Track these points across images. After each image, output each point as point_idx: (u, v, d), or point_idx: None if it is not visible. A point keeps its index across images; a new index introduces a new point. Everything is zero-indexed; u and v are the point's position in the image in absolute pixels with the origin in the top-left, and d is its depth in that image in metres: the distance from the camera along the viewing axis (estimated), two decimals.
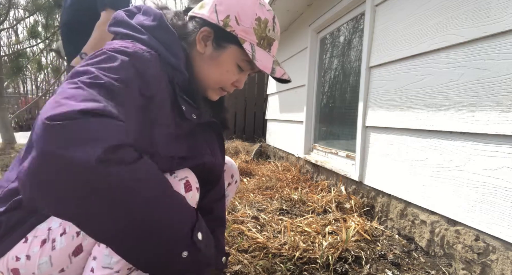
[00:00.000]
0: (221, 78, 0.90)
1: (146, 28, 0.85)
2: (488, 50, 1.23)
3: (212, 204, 1.03)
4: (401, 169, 1.71)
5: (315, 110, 3.10)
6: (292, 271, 1.31)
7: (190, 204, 0.74)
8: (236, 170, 1.27)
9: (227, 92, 0.96)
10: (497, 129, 1.18)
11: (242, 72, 0.92)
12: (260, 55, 0.86)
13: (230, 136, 5.58)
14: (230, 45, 0.87)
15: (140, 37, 0.82)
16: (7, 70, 6.00)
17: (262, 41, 0.87)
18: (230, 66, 0.89)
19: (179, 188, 0.81)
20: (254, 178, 3.02)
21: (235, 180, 1.26)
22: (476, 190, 1.27)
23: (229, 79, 0.91)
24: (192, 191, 0.84)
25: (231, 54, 0.88)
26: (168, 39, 0.83)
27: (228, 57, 0.88)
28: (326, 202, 2.12)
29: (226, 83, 0.92)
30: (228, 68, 0.89)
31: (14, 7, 6.37)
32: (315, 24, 2.97)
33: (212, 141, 0.96)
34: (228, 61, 0.89)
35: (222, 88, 0.93)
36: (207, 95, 0.94)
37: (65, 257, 0.77)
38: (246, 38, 0.85)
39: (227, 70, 0.89)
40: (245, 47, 0.84)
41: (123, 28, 0.85)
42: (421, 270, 1.38)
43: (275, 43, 0.93)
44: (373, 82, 1.99)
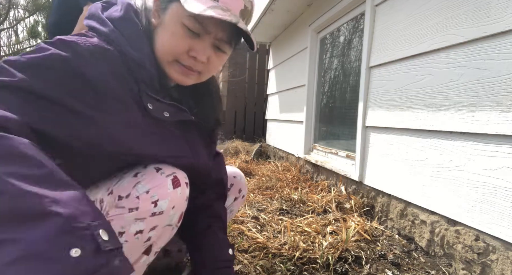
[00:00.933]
0: (170, 45, 0.78)
1: (112, 20, 0.79)
2: (488, 50, 1.23)
3: (212, 202, 1.03)
4: (401, 169, 1.71)
5: (315, 110, 3.10)
6: (292, 271, 1.31)
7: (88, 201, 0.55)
8: (244, 184, 1.21)
9: (187, 68, 0.81)
10: (497, 129, 1.18)
11: (197, 38, 0.78)
12: (196, 0, 0.73)
13: (230, 136, 5.58)
14: (172, 4, 0.78)
15: (103, 31, 0.76)
16: None
17: None
18: (175, 26, 0.77)
19: (166, 184, 0.80)
20: (254, 178, 3.03)
21: (242, 194, 1.21)
22: (476, 190, 1.27)
23: (178, 46, 0.78)
24: (181, 186, 0.83)
25: (173, 13, 0.78)
26: (131, 32, 0.77)
27: (171, 17, 0.78)
28: (326, 202, 2.12)
29: (177, 52, 0.78)
30: (173, 29, 0.77)
31: (14, 7, 6.37)
32: (315, 24, 2.97)
33: (194, 139, 0.91)
34: (172, 21, 0.78)
35: (178, 61, 0.80)
36: (169, 75, 0.82)
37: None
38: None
39: (172, 32, 0.77)
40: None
41: (92, 21, 0.80)
42: (421, 270, 1.38)
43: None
44: (373, 82, 1.99)
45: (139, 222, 0.78)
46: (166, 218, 0.82)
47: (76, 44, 0.69)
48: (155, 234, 0.83)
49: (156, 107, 0.79)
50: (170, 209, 0.82)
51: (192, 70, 0.81)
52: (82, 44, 0.70)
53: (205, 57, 0.79)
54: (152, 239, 0.83)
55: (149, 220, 0.79)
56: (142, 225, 0.78)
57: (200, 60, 0.79)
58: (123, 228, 0.78)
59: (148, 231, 0.80)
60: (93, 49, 0.70)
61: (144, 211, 0.78)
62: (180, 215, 0.87)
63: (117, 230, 0.78)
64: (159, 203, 0.79)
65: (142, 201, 0.77)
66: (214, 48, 0.81)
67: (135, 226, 0.78)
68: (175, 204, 0.82)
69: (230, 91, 5.79)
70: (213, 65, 0.83)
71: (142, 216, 0.78)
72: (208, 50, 0.80)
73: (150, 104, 0.77)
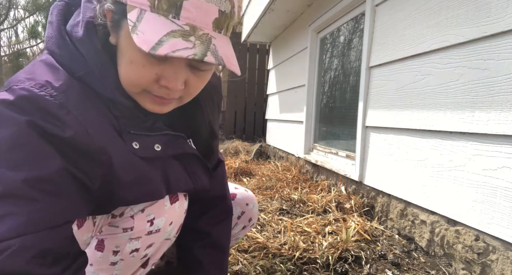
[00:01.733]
0: (130, 75, 0.62)
1: (74, 40, 0.64)
2: (488, 50, 1.23)
3: (208, 227, 0.94)
4: (401, 169, 1.71)
5: (315, 110, 3.10)
6: (292, 271, 1.31)
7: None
8: (256, 213, 1.12)
9: (161, 97, 0.65)
10: (497, 129, 1.18)
11: (164, 63, 0.60)
12: (147, 24, 0.55)
13: (230, 136, 5.58)
14: (124, 22, 0.59)
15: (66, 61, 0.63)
16: (7, 70, 6.00)
17: (157, 2, 0.56)
18: (132, 53, 0.59)
19: (164, 200, 0.77)
20: (254, 178, 3.03)
21: (252, 223, 1.12)
22: (476, 190, 1.27)
23: (141, 76, 0.61)
24: (179, 200, 0.80)
25: (126, 34, 0.59)
26: (95, 60, 0.63)
27: (126, 39, 0.60)
28: (326, 202, 2.12)
29: (142, 82, 0.62)
30: (131, 58, 0.60)
31: (14, 7, 6.37)
32: (315, 24, 2.97)
33: (192, 164, 0.82)
34: (127, 45, 0.60)
35: (147, 90, 0.64)
36: (142, 105, 0.67)
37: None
38: (135, 2, 0.57)
39: (131, 61, 0.60)
40: (129, 17, 0.56)
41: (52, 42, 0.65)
42: (421, 270, 1.38)
43: (194, 3, 0.56)
44: (373, 82, 1.99)
45: (134, 241, 0.75)
46: (163, 234, 0.80)
47: (37, 98, 0.57)
48: (152, 250, 0.81)
49: (144, 144, 0.69)
50: (167, 226, 0.79)
51: (167, 99, 0.66)
52: (47, 95, 0.58)
53: (180, 84, 0.63)
54: (149, 254, 0.81)
55: (145, 239, 0.77)
56: (137, 244, 0.76)
57: (173, 89, 0.62)
58: (117, 247, 0.76)
59: (144, 249, 0.78)
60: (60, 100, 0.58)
61: (140, 230, 0.75)
62: (179, 227, 0.84)
63: (111, 248, 0.76)
64: (155, 221, 0.76)
65: (137, 220, 0.74)
66: (191, 68, 0.63)
67: (130, 245, 0.75)
68: (173, 220, 0.80)
69: (230, 91, 5.79)
70: (193, 87, 0.67)
71: (137, 236, 0.75)
72: (183, 74, 0.62)
73: (136, 143, 0.68)
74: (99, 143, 0.62)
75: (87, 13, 0.65)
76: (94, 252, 0.77)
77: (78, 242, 0.74)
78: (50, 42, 0.65)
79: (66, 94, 0.60)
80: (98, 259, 0.77)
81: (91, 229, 0.77)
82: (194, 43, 0.56)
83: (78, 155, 0.61)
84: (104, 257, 0.77)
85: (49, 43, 0.66)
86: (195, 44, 0.56)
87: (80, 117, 0.60)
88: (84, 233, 0.77)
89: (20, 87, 0.58)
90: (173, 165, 0.76)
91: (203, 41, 0.57)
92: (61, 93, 0.59)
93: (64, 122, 0.58)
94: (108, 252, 0.77)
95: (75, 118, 0.59)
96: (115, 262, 0.77)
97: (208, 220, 0.95)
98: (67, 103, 0.59)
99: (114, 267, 0.78)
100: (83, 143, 0.60)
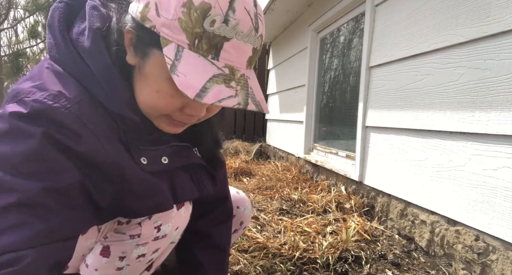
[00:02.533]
0: (155, 102, 0.60)
1: (80, 50, 0.61)
2: (488, 50, 1.23)
3: (209, 228, 0.94)
4: (401, 169, 1.71)
5: (315, 110, 3.10)
6: (292, 271, 1.31)
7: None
8: (248, 216, 1.09)
9: (183, 123, 0.65)
10: (497, 129, 1.18)
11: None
12: (187, 65, 0.54)
13: (230, 136, 5.58)
14: (154, 51, 0.57)
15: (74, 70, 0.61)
16: (7, 70, 6.01)
17: (197, 42, 0.55)
18: (160, 84, 0.58)
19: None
20: (254, 178, 3.02)
21: (244, 226, 1.10)
22: (476, 190, 1.27)
23: (167, 105, 0.60)
24: (185, 206, 0.80)
25: (156, 66, 0.58)
26: (103, 72, 0.60)
27: (153, 69, 0.58)
28: (326, 202, 2.12)
29: (166, 110, 0.62)
30: (158, 87, 0.59)
31: (14, 7, 6.37)
32: (315, 24, 2.97)
33: (198, 173, 0.81)
34: (155, 75, 0.58)
35: (169, 115, 0.64)
36: (156, 126, 0.67)
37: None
38: (171, 37, 0.55)
39: (157, 91, 0.59)
40: (165, 53, 0.54)
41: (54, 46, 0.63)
42: (421, 270, 1.38)
43: (234, 44, 0.56)
44: (373, 82, 1.99)
45: (141, 247, 0.76)
46: (169, 239, 0.80)
47: (52, 111, 0.55)
48: (158, 254, 0.81)
49: (151, 159, 0.68)
50: (173, 231, 0.79)
51: (186, 124, 0.67)
52: (61, 108, 0.56)
53: (204, 112, 0.63)
54: (154, 258, 0.82)
55: (152, 244, 0.77)
56: (144, 249, 0.76)
57: (197, 117, 0.63)
58: (124, 253, 0.76)
59: (150, 254, 0.78)
60: (75, 112, 0.57)
61: (147, 236, 0.75)
62: (183, 231, 0.85)
63: (118, 254, 0.76)
64: (162, 228, 0.76)
65: (144, 227, 0.74)
66: None
67: (137, 251, 0.76)
68: (179, 225, 0.80)
69: None
70: (212, 112, 0.68)
71: (144, 242, 0.75)
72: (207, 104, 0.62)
73: (144, 158, 0.67)
74: (113, 158, 0.61)
75: (94, 22, 0.62)
76: (99, 258, 0.77)
77: (81, 247, 0.75)
78: (54, 51, 0.63)
79: (80, 106, 0.58)
80: (104, 264, 0.77)
81: (96, 235, 0.77)
82: (236, 89, 0.56)
83: (91, 169, 0.60)
84: (110, 263, 0.77)
85: (53, 52, 0.63)
86: (237, 91, 0.56)
87: (95, 131, 0.59)
88: (89, 238, 0.76)
89: (33, 99, 0.55)
90: (179, 176, 0.76)
91: (242, 86, 0.57)
92: (75, 104, 0.57)
93: (79, 136, 0.57)
94: (114, 258, 0.76)
95: (91, 132, 0.58)
96: (121, 267, 0.77)
97: (208, 221, 0.95)
98: (82, 116, 0.57)
99: (120, 272, 0.78)
100: (98, 157, 0.59)
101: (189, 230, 0.91)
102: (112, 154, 0.61)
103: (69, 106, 0.56)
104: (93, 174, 0.60)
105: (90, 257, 0.78)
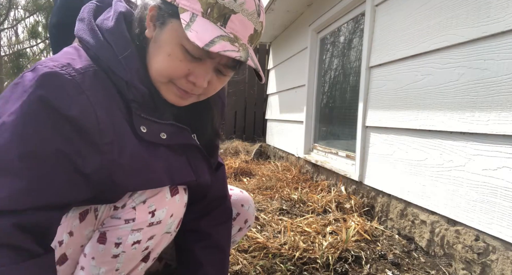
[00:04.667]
0: (165, 66, 0.69)
1: (103, 30, 0.71)
2: (488, 50, 1.23)
3: (209, 228, 0.95)
4: (401, 169, 1.71)
5: (315, 110, 3.10)
6: (292, 271, 1.31)
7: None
8: (252, 214, 1.10)
9: (185, 91, 0.72)
10: (497, 129, 1.18)
11: (197, 62, 0.69)
12: (199, 26, 0.64)
13: (230, 136, 5.58)
14: (171, 20, 0.67)
15: (93, 44, 0.70)
16: (7, 70, 6.01)
17: (209, 11, 0.65)
18: (172, 47, 0.68)
19: (165, 192, 0.78)
20: (254, 178, 3.03)
21: (248, 224, 1.11)
22: (476, 190, 1.27)
23: (175, 69, 0.69)
24: (179, 193, 0.81)
25: (171, 31, 0.67)
26: (121, 47, 0.70)
27: (169, 35, 0.68)
28: (326, 202, 2.12)
29: (174, 76, 0.70)
30: (170, 51, 0.68)
31: (14, 7, 6.37)
32: (315, 24, 2.97)
33: (196, 157, 0.85)
34: (170, 41, 0.68)
35: (174, 82, 0.71)
36: (164, 96, 0.74)
37: None
38: (188, 7, 0.66)
39: (169, 54, 0.68)
40: (182, 17, 0.65)
41: (82, 31, 0.73)
42: (421, 270, 1.38)
43: (239, 18, 0.67)
44: (373, 82, 1.99)
45: (136, 233, 0.76)
46: (164, 226, 0.80)
47: (57, 76, 0.63)
48: (153, 243, 0.81)
49: (151, 130, 0.73)
50: (168, 218, 0.80)
51: (189, 94, 0.73)
52: (66, 74, 0.63)
53: (205, 83, 0.71)
54: (150, 247, 0.82)
55: (147, 230, 0.77)
56: (139, 235, 0.77)
57: (200, 86, 0.71)
58: (119, 239, 0.76)
59: (145, 241, 0.79)
60: (78, 80, 0.64)
61: (141, 221, 0.76)
62: (179, 221, 0.85)
63: (113, 241, 0.77)
64: (156, 213, 0.77)
65: (138, 211, 0.76)
66: (216, 71, 0.73)
67: (132, 237, 0.76)
68: (173, 212, 0.81)
69: (230, 91, 5.79)
70: (213, 87, 0.75)
71: (139, 227, 0.76)
72: (209, 75, 0.72)
73: (144, 127, 0.72)
74: (105, 126, 0.66)
75: (119, 8, 0.74)
76: (96, 245, 0.78)
77: (80, 237, 0.77)
78: (80, 32, 0.72)
79: (84, 76, 0.65)
80: (100, 252, 0.78)
81: (93, 222, 0.78)
82: (239, 48, 0.66)
83: (80, 136, 0.64)
84: (106, 250, 0.78)
85: (79, 32, 0.72)
86: (240, 49, 0.66)
87: (91, 98, 0.64)
88: (87, 226, 0.78)
89: (44, 65, 0.63)
90: (176, 155, 0.79)
91: (244, 49, 0.67)
92: (80, 74, 0.65)
93: (74, 101, 0.63)
94: (110, 244, 0.77)
95: (87, 99, 0.64)
96: (117, 254, 0.78)
97: (208, 221, 0.95)
98: (83, 84, 0.64)
99: (116, 260, 0.79)
100: (88, 122, 0.64)
101: (189, 230, 0.92)
102: (104, 121, 0.66)
103: (74, 74, 0.64)
104: (79, 140, 0.65)
105: (88, 245, 0.79)
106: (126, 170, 0.70)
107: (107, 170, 0.68)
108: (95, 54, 0.69)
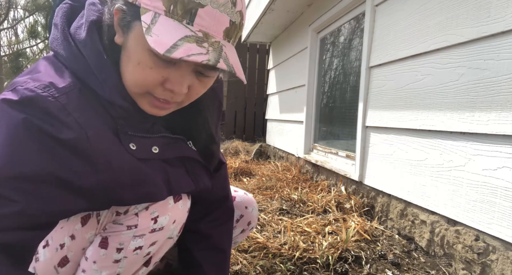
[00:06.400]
0: (136, 76, 0.62)
1: (77, 42, 0.65)
2: (488, 50, 1.23)
3: (209, 230, 0.95)
4: (401, 169, 1.71)
5: (315, 110, 3.10)
6: (292, 271, 1.31)
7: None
8: (255, 216, 1.10)
9: (165, 100, 0.65)
10: (497, 129, 1.18)
11: (172, 66, 0.61)
12: (161, 27, 0.56)
13: (230, 136, 5.58)
14: (135, 23, 0.59)
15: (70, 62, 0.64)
16: (7, 70, 6.01)
17: (173, 8, 0.57)
18: (140, 54, 0.60)
19: (168, 198, 0.78)
20: (254, 178, 3.03)
21: (251, 226, 1.11)
22: (476, 190, 1.27)
23: (147, 78, 0.61)
24: (183, 199, 0.81)
25: (136, 36, 0.60)
26: (96, 61, 0.64)
27: (134, 41, 0.60)
28: (326, 202, 2.12)
29: (148, 86, 0.63)
30: (138, 58, 0.60)
31: (14, 7, 6.37)
32: (315, 24, 2.97)
33: (194, 166, 0.83)
34: (136, 47, 0.60)
35: (151, 93, 0.64)
36: (141, 107, 0.67)
37: (51, 269, 0.75)
38: (149, 6, 0.58)
39: (138, 62, 0.61)
40: (143, 19, 0.57)
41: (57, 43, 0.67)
42: (421, 270, 1.38)
43: (208, 11, 0.58)
44: (373, 82, 1.99)
45: (138, 239, 0.76)
46: (167, 233, 0.80)
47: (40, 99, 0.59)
48: (155, 248, 0.81)
49: (141, 146, 0.69)
50: (170, 224, 0.79)
51: (169, 103, 0.66)
52: (49, 97, 0.60)
53: (185, 88, 0.63)
54: (152, 252, 0.82)
55: (149, 236, 0.77)
56: (141, 241, 0.77)
57: (178, 93, 0.63)
58: (121, 244, 0.76)
59: (147, 247, 0.79)
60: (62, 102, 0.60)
61: (144, 228, 0.76)
62: (181, 227, 0.85)
63: (115, 246, 0.76)
64: (159, 219, 0.77)
65: (141, 218, 0.75)
66: (196, 73, 0.64)
67: (134, 243, 0.76)
68: (176, 218, 0.80)
69: (230, 91, 5.79)
70: (196, 92, 0.68)
71: (141, 233, 0.76)
72: (188, 79, 0.63)
73: (133, 144, 0.68)
74: (97, 146, 0.64)
75: (90, 15, 0.67)
76: (97, 250, 0.78)
77: (82, 240, 0.76)
78: (54, 43, 0.67)
79: (68, 96, 0.61)
80: (102, 256, 0.77)
81: (95, 226, 0.78)
82: (208, 49, 0.57)
83: (73, 157, 0.63)
84: (107, 255, 0.77)
85: (53, 44, 0.67)
86: (209, 51, 0.57)
87: (80, 119, 0.62)
88: (89, 230, 0.77)
89: (25, 87, 0.60)
90: (174, 167, 0.77)
91: (215, 48, 0.58)
92: (63, 94, 0.61)
93: (63, 124, 0.60)
94: (111, 250, 0.77)
95: (75, 121, 0.61)
96: (119, 259, 0.78)
97: (209, 222, 0.95)
98: (68, 105, 0.61)
99: (117, 265, 0.78)
100: (80, 145, 0.62)
101: (190, 231, 0.91)
102: (96, 142, 0.63)
103: (57, 96, 0.60)
104: (74, 162, 0.63)
105: (90, 249, 0.79)
106: (124, 185, 0.69)
107: (104, 187, 0.67)
108: (73, 71, 0.64)
